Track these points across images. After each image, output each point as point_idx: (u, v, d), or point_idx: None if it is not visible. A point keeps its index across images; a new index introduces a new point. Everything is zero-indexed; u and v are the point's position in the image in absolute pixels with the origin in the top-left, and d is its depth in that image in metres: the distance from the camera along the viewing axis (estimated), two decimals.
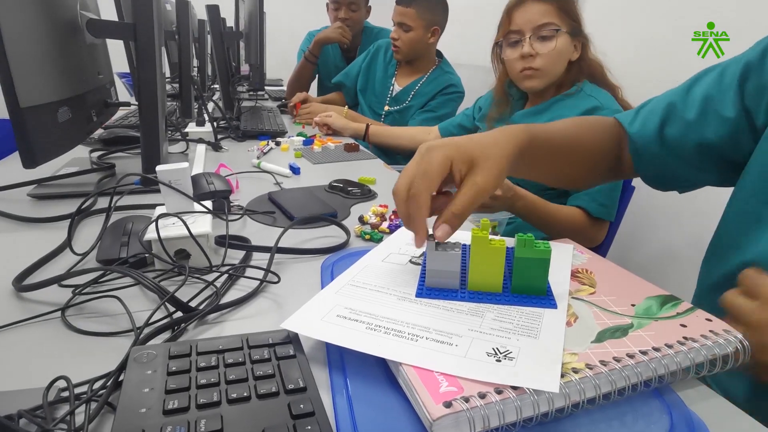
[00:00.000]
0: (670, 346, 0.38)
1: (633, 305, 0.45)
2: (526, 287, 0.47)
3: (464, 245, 0.51)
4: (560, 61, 1.07)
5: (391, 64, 1.80)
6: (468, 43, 1.17)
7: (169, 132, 1.23)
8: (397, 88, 1.76)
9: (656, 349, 0.38)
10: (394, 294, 0.47)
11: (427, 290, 0.48)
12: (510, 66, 1.12)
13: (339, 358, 0.41)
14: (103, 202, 0.73)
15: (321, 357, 0.41)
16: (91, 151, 1.02)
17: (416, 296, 0.47)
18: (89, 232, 0.66)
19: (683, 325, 0.42)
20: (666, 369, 0.37)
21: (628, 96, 1.11)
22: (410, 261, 0.54)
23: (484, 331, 0.41)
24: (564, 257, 0.55)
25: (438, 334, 0.40)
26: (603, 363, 0.36)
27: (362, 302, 0.46)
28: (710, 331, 0.41)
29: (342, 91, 1.98)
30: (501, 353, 0.37)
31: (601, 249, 1.06)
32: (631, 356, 0.37)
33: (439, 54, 1.77)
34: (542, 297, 0.46)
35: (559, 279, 0.50)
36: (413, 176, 0.47)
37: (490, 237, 0.46)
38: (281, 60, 2.89)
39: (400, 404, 0.36)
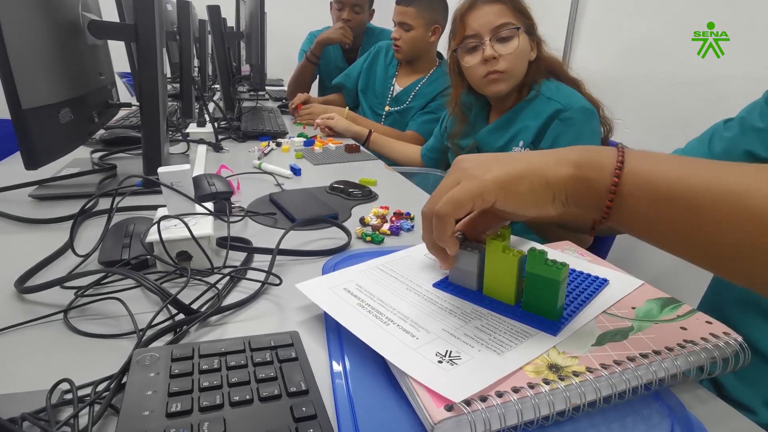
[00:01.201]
0: (670, 349, 0.38)
1: (633, 308, 0.45)
2: (535, 307, 0.43)
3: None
4: (522, 61, 1.04)
5: (391, 65, 1.80)
6: None
7: (170, 132, 1.23)
8: (397, 88, 1.77)
9: (656, 353, 0.38)
10: (407, 283, 0.50)
11: (446, 284, 0.49)
12: (471, 73, 1.07)
13: (340, 360, 0.41)
14: (104, 203, 0.73)
15: (323, 359, 0.42)
16: (93, 152, 1.02)
17: (433, 286, 0.49)
18: (90, 233, 0.66)
19: (683, 328, 0.42)
20: (666, 372, 0.37)
21: (629, 95, 1.10)
22: None
23: (455, 335, 0.41)
24: (621, 288, 0.49)
25: (410, 325, 0.42)
26: (604, 366, 0.36)
27: (373, 283, 0.49)
28: (710, 333, 0.41)
29: (342, 92, 1.98)
30: (448, 356, 0.37)
31: (602, 251, 1.06)
32: (631, 359, 0.37)
33: (440, 55, 1.77)
34: (551, 321, 0.42)
35: (596, 306, 0.45)
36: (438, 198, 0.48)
37: (511, 246, 0.44)
38: (282, 60, 2.90)
39: (401, 407, 0.36)
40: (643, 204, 0.36)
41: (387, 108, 1.79)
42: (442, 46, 1.75)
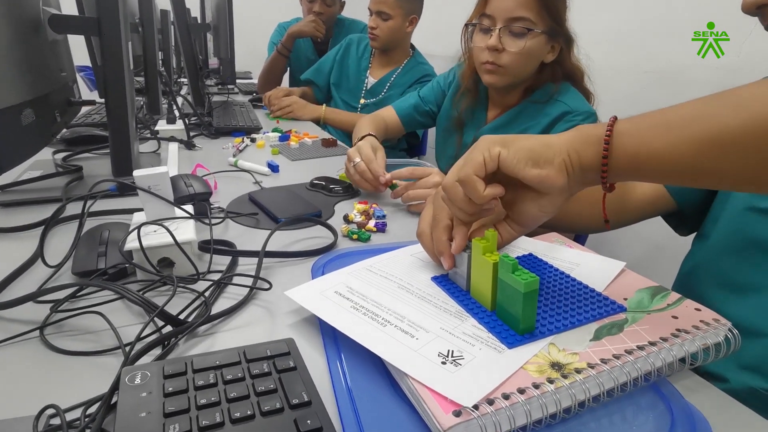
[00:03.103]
0: (665, 340, 0.39)
1: (625, 299, 0.46)
2: (505, 316, 0.41)
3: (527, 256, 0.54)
4: (529, 62, 0.96)
5: (364, 57, 1.78)
6: (440, 34, 1.15)
7: (139, 130, 1.18)
8: (371, 80, 1.74)
9: (652, 344, 0.39)
10: (398, 282, 0.49)
11: (442, 280, 0.49)
12: (475, 54, 1.01)
13: (339, 364, 0.40)
14: (72, 208, 0.69)
15: (321, 365, 0.41)
16: (55, 153, 0.97)
17: (431, 279, 0.50)
18: (59, 241, 0.63)
19: (675, 317, 0.43)
20: (663, 362, 0.37)
21: (628, 94, 1.08)
22: None
23: (454, 334, 0.40)
24: (604, 273, 0.50)
25: (408, 325, 0.41)
26: (604, 361, 0.36)
27: (364, 284, 0.48)
28: (701, 321, 0.42)
29: (311, 87, 1.93)
30: (452, 357, 0.37)
31: (580, 238, 1.08)
32: (629, 352, 0.37)
33: (412, 46, 1.76)
34: (515, 334, 0.40)
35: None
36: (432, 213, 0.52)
37: (498, 251, 0.43)
38: (249, 52, 2.81)
39: (405, 411, 0.35)
40: (640, 131, 0.40)
41: (362, 101, 1.76)
42: (415, 38, 1.75)
